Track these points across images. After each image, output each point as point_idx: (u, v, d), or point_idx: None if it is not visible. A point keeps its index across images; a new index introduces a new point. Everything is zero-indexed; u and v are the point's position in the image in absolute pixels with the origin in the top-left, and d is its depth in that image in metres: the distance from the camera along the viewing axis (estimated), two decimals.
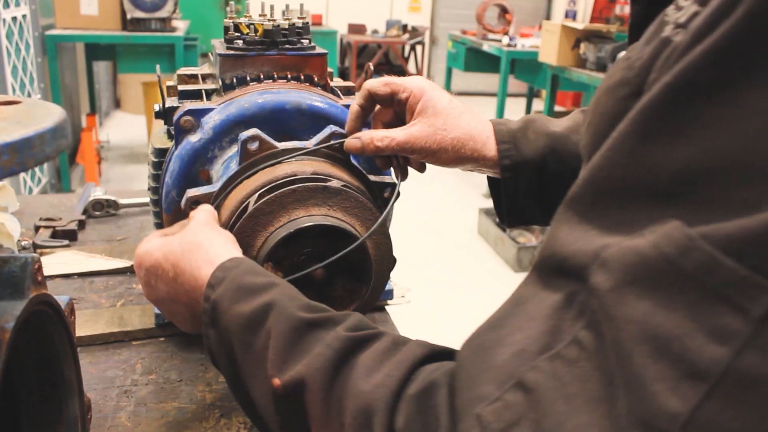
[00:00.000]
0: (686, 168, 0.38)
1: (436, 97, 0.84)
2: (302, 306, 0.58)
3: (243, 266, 0.65)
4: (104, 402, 0.88)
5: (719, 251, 0.35)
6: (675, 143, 0.38)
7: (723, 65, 0.37)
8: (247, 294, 0.61)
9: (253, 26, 0.99)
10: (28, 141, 0.39)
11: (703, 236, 0.36)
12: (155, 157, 0.98)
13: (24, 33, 3.62)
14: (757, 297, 0.34)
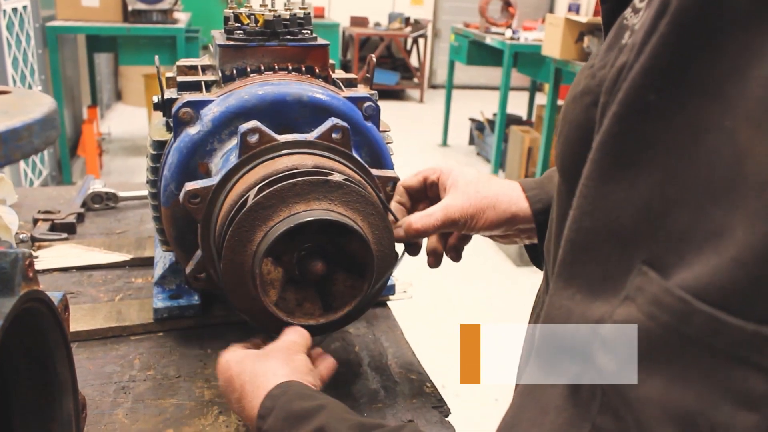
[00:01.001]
0: (648, 203, 0.35)
1: (465, 172, 0.87)
2: (353, 426, 0.58)
3: (291, 391, 0.66)
4: (101, 398, 0.87)
5: (717, 309, 0.32)
6: (634, 178, 0.36)
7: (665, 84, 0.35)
8: (297, 421, 0.61)
9: (254, 16, 0.97)
10: (14, 132, 0.38)
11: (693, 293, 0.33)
12: (154, 149, 0.97)
13: (24, 24, 3.60)
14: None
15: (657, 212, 0.35)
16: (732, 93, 0.33)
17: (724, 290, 0.32)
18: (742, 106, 0.32)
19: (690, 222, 0.34)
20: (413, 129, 6.83)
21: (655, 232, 0.35)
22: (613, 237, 0.37)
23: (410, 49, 8.83)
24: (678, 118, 0.34)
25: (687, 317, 0.33)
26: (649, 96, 0.35)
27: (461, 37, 5.88)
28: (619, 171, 0.36)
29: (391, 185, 0.90)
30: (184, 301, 1.02)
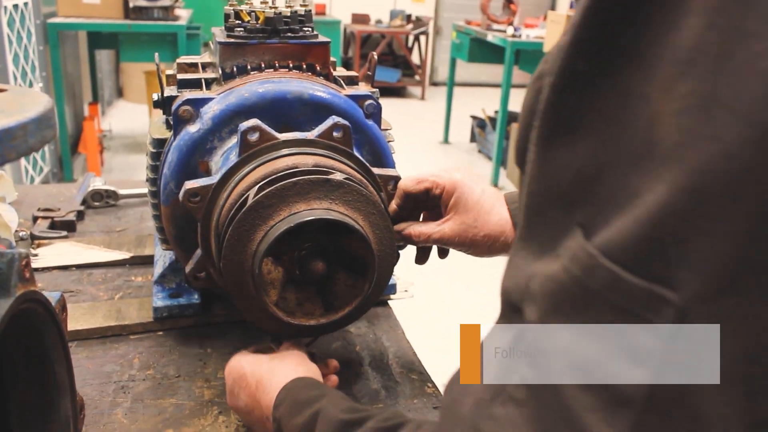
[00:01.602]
0: (584, 167, 0.37)
1: (468, 192, 0.86)
2: (344, 409, 0.63)
3: (301, 383, 0.72)
4: (101, 398, 0.86)
5: (617, 265, 0.34)
6: (572, 143, 0.37)
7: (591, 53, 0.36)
8: (300, 407, 0.67)
9: (255, 13, 0.96)
10: (9, 132, 0.37)
11: (601, 250, 0.34)
12: (153, 147, 0.96)
13: (26, 21, 3.59)
14: (660, 309, 0.33)
15: (590, 176, 0.36)
16: (650, 59, 0.34)
17: (624, 248, 0.33)
18: (656, 73, 0.33)
19: (616, 186, 0.35)
20: (414, 126, 6.81)
21: (588, 195, 0.36)
22: (557, 200, 0.38)
23: (411, 46, 8.81)
24: (606, 85, 0.36)
25: (592, 271, 0.35)
26: (578, 65, 0.37)
27: (463, 34, 5.86)
28: (558, 137, 0.38)
29: (393, 184, 0.89)
30: (184, 300, 1.02)
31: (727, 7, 0.31)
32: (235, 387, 0.79)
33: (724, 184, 0.30)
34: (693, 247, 0.31)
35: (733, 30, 0.30)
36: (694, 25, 0.32)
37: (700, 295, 0.32)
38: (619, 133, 0.35)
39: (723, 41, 0.31)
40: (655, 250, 0.32)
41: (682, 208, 0.31)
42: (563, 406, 0.36)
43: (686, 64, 0.32)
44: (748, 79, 0.29)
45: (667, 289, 0.32)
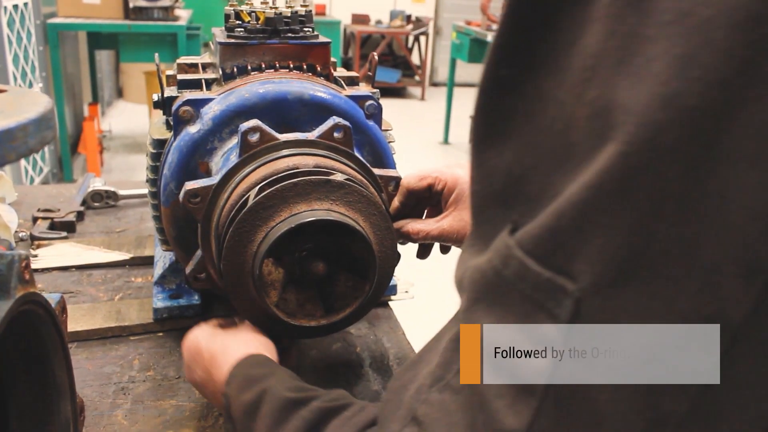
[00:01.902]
0: (512, 168, 0.38)
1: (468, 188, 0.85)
2: (290, 388, 0.62)
3: (252, 360, 0.72)
4: (100, 399, 0.86)
5: (527, 255, 0.35)
6: (501, 146, 0.39)
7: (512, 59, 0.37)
8: (249, 384, 0.66)
9: (255, 14, 0.96)
10: (8, 133, 0.37)
11: (517, 242, 0.36)
12: (154, 148, 0.96)
13: (25, 21, 3.59)
14: (560, 300, 0.34)
15: (517, 177, 0.38)
16: (564, 65, 0.35)
17: (534, 240, 0.35)
18: (568, 78, 0.34)
19: (541, 186, 0.36)
20: (414, 127, 6.81)
21: (519, 195, 0.38)
22: (494, 200, 0.40)
23: (411, 46, 8.80)
24: (527, 90, 0.37)
25: (507, 262, 0.36)
26: (501, 71, 0.38)
27: (463, 35, 5.86)
28: (489, 139, 0.40)
29: (393, 185, 0.89)
30: (184, 301, 1.01)
31: (626, 14, 0.32)
32: (191, 361, 0.79)
33: (620, 181, 0.31)
34: (590, 239, 0.33)
35: (631, 36, 0.31)
36: (597, 32, 0.33)
37: (595, 286, 0.33)
38: (540, 135, 0.36)
39: (622, 47, 0.32)
40: (558, 242, 0.34)
41: (583, 202, 0.33)
42: (479, 392, 0.38)
43: (591, 70, 0.33)
44: (643, 81, 0.30)
45: (567, 280, 0.34)
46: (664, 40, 0.30)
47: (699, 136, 0.30)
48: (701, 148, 0.30)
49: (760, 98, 0.29)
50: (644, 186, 0.31)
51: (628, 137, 0.31)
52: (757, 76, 0.29)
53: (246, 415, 0.64)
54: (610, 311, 0.33)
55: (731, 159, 0.30)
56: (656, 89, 0.30)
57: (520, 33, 0.37)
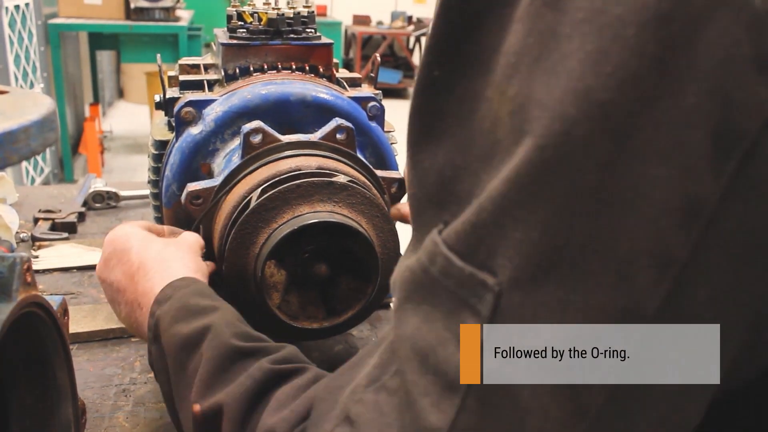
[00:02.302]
0: (444, 169, 0.38)
1: None
2: (237, 334, 0.58)
3: (193, 287, 0.66)
4: (102, 401, 0.86)
5: (451, 251, 0.35)
6: (435, 147, 0.39)
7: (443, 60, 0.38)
8: (188, 315, 0.61)
9: (257, 15, 0.96)
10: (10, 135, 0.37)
11: (443, 239, 0.36)
12: (155, 149, 0.96)
13: (27, 21, 3.59)
14: (482, 295, 0.34)
15: (449, 178, 0.38)
16: (491, 65, 0.36)
17: (458, 235, 0.35)
18: (494, 77, 0.35)
19: (470, 186, 0.36)
20: None
21: (450, 197, 0.38)
22: (428, 202, 0.40)
23: (413, 47, 8.81)
24: (458, 91, 0.37)
25: (434, 258, 0.37)
26: (433, 72, 0.38)
27: None
28: (423, 141, 0.40)
29: (396, 186, 0.89)
30: None
31: (544, 13, 0.32)
32: (113, 258, 0.73)
33: (534, 175, 0.32)
34: (508, 234, 0.33)
35: (548, 34, 0.32)
36: (518, 30, 0.34)
37: (515, 281, 0.33)
38: (470, 136, 0.37)
39: (539, 44, 0.32)
40: (479, 237, 0.34)
41: (500, 197, 0.33)
42: (405, 391, 0.38)
43: (513, 67, 0.34)
44: (558, 76, 0.31)
45: (488, 275, 0.34)
46: (578, 37, 0.31)
47: (611, 131, 0.30)
48: (613, 143, 0.30)
49: (670, 94, 0.30)
50: (558, 180, 0.31)
51: (541, 131, 0.31)
52: (667, 73, 0.29)
53: (181, 349, 0.59)
54: (529, 306, 0.33)
55: (643, 154, 0.31)
56: (570, 84, 0.31)
57: (450, 35, 0.37)
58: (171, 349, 0.60)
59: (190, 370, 0.57)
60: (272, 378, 0.52)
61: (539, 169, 0.32)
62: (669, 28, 0.29)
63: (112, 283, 0.73)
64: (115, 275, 0.72)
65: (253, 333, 0.60)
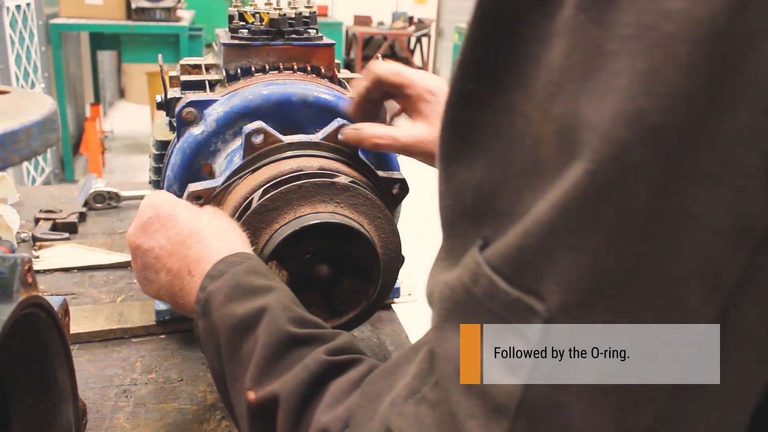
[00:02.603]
0: (482, 183, 0.37)
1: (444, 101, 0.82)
2: (293, 319, 0.57)
3: (247, 264, 0.63)
4: (102, 402, 0.85)
5: (495, 273, 0.35)
6: (471, 161, 0.38)
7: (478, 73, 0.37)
8: (243, 294, 0.59)
9: (259, 15, 0.96)
10: (12, 135, 0.36)
11: (486, 260, 0.35)
12: (156, 149, 0.95)
13: (28, 21, 3.59)
14: (529, 320, 0.33)
15: (487, 193, 0.37)
16: (530, 80, 0.35)
17: (503, 258, 0.35)
18: (535, 93, 0.34)
19: (511, 202, 0.36)
20: None
21: (489, 211, 0.37)
22: (464, 215, 0.39)
23: (414, 48, 8.81)
24: (494, 105, 0.37)
25: (476, 279, 0.36)
26: (468, 85, 0.37)
27: None
28: (458, 153, 0.39)
29: (398, 186, 0.89)
30: None
31: (588, 28, 0.31)
32: (155, 223, 0.69)
33: (585, 200, 0.31)
34: (558, 260, 0.32)
35: (594, 50, 0.31)
36: (561, 45, 0.33)
37: (564, 306, 0.33)
38: (509, 150, 0.36)
39: (585, 61, 0.31)
40: (526, 262, 0.34)
41: (549, 222, 0.32)
42: (449, 412, 0.37)
43: (556, 85, 0.33)
44: (607, 97, 0.30)
45: (536, 300, 0.33)
46: (627, 55, 0.30)
47: (664, 154, 0.30)
48: (666, 165, 0.30)
49: (723, 114, 0.29)
50: (610, 205, 0.31)
51: (593, 155, 0.30)
52: (720, 92, 0.29)
53: (236, 330, 0.57)
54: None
55: (695, 175, 0.30)
56: (620, 106, 0.30)
57: (486, 47, 0.36)
58: (225, 328, 0.58)
59: (244, 352, 0.56)
60: (328, 370, 0.52)
61: (590, 194, 0.31)
62: (723, 45, 0.28)
63: (151, 249, 0.69)
64: (158, 241, 0.68)
65: (308, 317, 0.59)
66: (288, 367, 0.52)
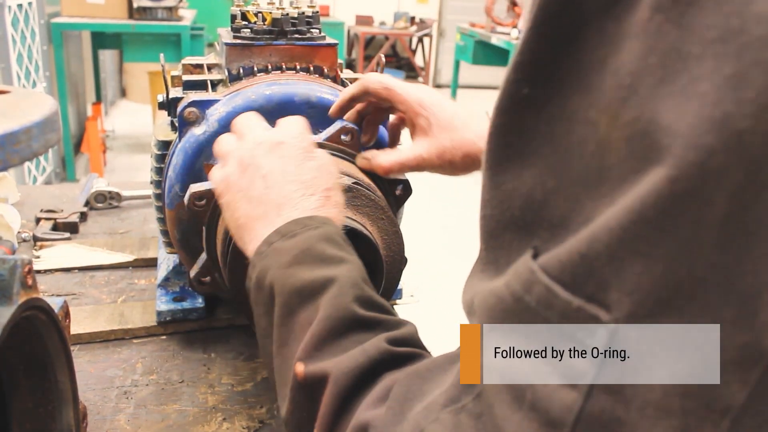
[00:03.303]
0: (533, 191, 0.36)
1: (438, 112, 0.81)
2: (360, 298, 0.54)
3: (322, 230, 0.60)
4: (103, 403, 0.85)
5: (554, 282, 0.33)
6: (519, 168, 0.37)
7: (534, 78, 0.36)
8: (312, 260, 0.56)
9: (261, 15, 0.95)
10: (12, 136, 0.36)
11: (542, 267, 0.34)
12: (158, 149, 0.95)
13: (29, 21, 3.59)
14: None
15: (539, 202, 0.36)
16: (594, 84, 0.34)
17: (563, 265, 0.33)
18: (601, 98, 0.33)
19: (566, 211, 0.35)
20: None
21: (540, 221, 0.36)
22: (511, 224, 0.38)
23: (415, 48, 8.81)
24: (550, 110, 0.35)
25: (530, 287, 0.34)
26: (522, 89, 0.36)
27: (467, 36, 5.86)
28: (506, 161, 0.38)
29: (401, 188, 0.88)
30: (188, 304, 1.00)
31: (667, 31, 0.30)
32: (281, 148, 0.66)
33: (663, 207, 0.30)
34: (628, 268, 0.31)
35: (673, 53, 0.30)
36: (634, 48, 0.32)
37: (632, 316, 0.31)
38: (566, 158, 0.35)
39: (663, 65, 0.30)
40: (590, 269, 0.32)
41: (621, 229, 0.31)
42: (496, 425, 0.36)
43: (629, 89, 0.32)
44: (690, 101, 0.29)
45: (600, 309, 0.32)
46: (711, 58, 0.29)
47: (747, 161, 0.29)
48: (748, 173, 0.29)
49: None
50: (688, 212, 0.30)
51: (675, 161, 0.29)
52: None
53: (297, 294, 0.54)
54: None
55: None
56: (705, 111, 0.29)
57: (545, 49, 0.35)
58: (284, 289, 0.55)
59: (300, 319, 0.54)
60: (387, 360, 0.49)
61: (669, 201, 0.30)
62: None
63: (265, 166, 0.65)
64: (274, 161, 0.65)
65: (376, 299, 0.56)
66: (345, 348, 0.50)
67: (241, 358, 0.95)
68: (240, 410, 0.85)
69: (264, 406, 0.86)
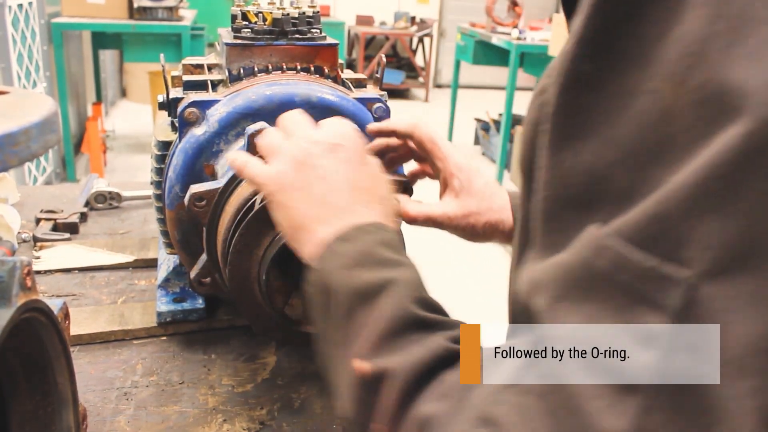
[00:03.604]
0: (593, 167, 0.37)
1: (474, 178, 0.84)
2: (419, 299, 0.54)
3: (380, 235, 0.60)
4: (103, 404, 0.85)
5: (626, 244, 0.33)
6: (580, 144, 0.37)
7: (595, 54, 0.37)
8: (372, 263, 0.56)
9: (262, 15, 0.95)
10: (10, 137, 0.36)
11: (613, 231, 0.34)
12: (158, 150, 0.95)
13: (30, 21, 3.59)
14: (668, 289, 0.32)
15: (601, 176, 0.36)
16: (655, 56, 0.35)
17: (634, 227, 0.33)
18: (664, 68, 0.34)
19: (631, 182, 0.35)
20: None
21: (602, 195, 0.36)
22: (569, 203, 0.38)
23: (415, 48, 8.80)
24: (610, 85, 0.36)
25: (600, 252, 0.34)
26: (583, 66, 0.37)
27: (467, 36, 5.85)
28: (566, 140, 0.38)
29: (401, 188, 0.88)
30: (188, 305, 1.00)
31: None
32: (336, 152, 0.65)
33: (739, 163, 0.31)
34: (704, 224, 0.31)
35: (740, 18, 0.31)
36: (700, 16, 0.33)
37: (709, 273, 0.31)
38: (627, 130, 0.35)
39: (732, 29, 0.31)
40: (664, 228, 0.32)
41: (695, 186, 0.32)
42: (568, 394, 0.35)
43: (696, 56, 0.32)
44: (761, 62, 0.30)
45: (676, 267, 0.32)
46: None
47: None
48: None
49: None
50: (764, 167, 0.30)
51: (750, 117, 0.30)
52: None
53: (355, 295, 0.54)
54: (723, 299, 0.31)
55: None
56: None
57: (606, 27, 0.36)
58: (343, 289, 0.55)
59: (358, 319, 0.53)
60: (447, 357, 0.49)
61: (745, 156, 0.30)
62: None
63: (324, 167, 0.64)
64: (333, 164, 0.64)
65: (434, 302, 0.56)
66: (405, 347, 0.50)
67: (241, 359, 0.95)
68: (240, 411, 0.85)
69: (264, 408, 0.86)
